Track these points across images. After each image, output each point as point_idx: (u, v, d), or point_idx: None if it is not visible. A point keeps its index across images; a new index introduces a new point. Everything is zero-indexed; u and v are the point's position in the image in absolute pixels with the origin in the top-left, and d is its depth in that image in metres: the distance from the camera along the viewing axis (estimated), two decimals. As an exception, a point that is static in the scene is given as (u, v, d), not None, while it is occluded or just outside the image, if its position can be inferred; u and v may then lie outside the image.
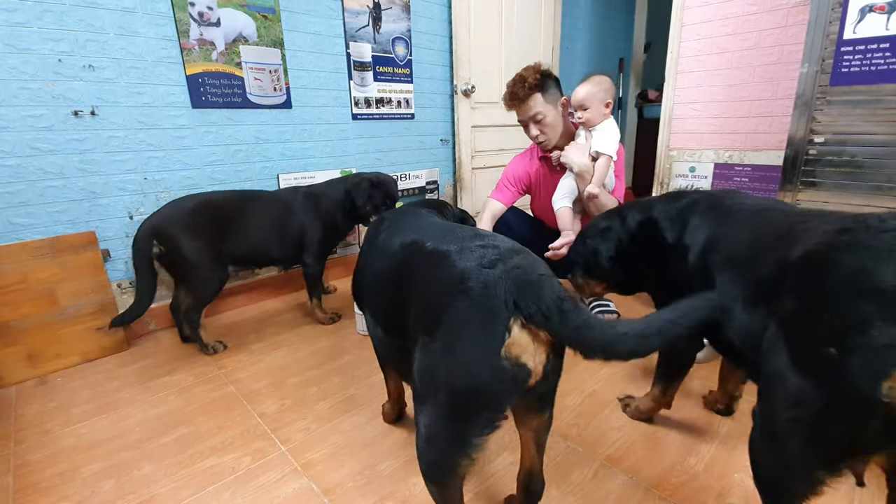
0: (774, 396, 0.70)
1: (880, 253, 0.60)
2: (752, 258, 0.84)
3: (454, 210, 1.29)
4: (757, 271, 0.81)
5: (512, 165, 1.94)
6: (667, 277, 1.09)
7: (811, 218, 0.80)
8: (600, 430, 1.24)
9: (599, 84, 1.57)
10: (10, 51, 1.49)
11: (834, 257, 0.65)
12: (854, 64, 1.67)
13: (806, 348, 0.65)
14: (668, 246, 1.08)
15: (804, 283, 0.68)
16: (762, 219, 0.91)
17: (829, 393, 0.61)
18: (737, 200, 1.01)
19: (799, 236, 0.75)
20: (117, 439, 1.25)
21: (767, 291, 0.77)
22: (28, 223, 1.60)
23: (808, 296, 0.66)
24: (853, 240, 0.65)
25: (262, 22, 2.02)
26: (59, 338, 1.61)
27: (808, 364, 0.64)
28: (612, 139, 1.58)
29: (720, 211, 1.00)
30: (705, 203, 1.05)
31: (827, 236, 0.69)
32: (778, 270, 0.75)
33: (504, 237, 0.84)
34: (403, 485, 1.06)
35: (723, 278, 0.89)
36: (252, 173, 2.12)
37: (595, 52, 4.16)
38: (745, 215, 0.94)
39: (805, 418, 0.65)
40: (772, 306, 0.74)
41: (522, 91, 1.68)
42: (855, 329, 0.57)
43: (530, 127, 1.74)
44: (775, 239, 0.81)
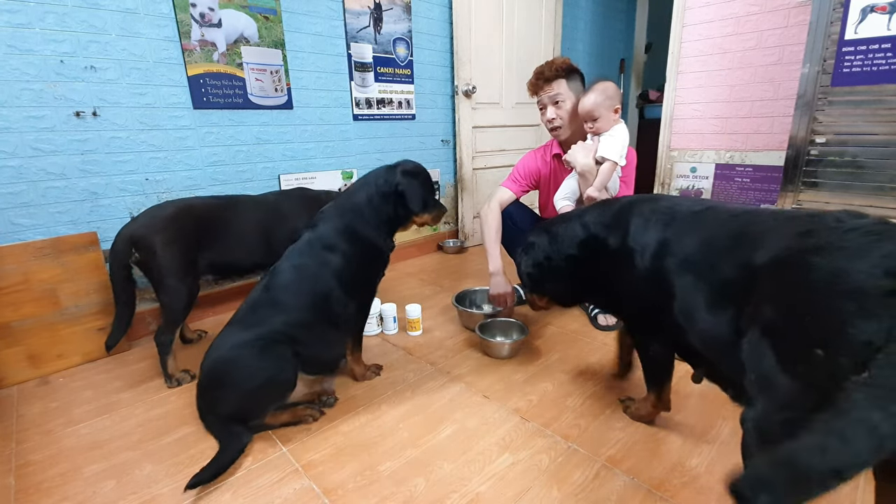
0: (766, 401, 0.70)
1: (849, 253, 0.63)
2: (709, 262, 0.86)
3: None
4: (717, 275, 0.83)
5: (524, 160, 1.96)
6: (613, 283, 1.13)
7: (760, 219, 0.83)
8: (602, 430, 1.24)
9: (604, 92, 1.57)
10: (12, 52, 1.49)
11: (807, 261, 0.66)
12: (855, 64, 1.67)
13: (793, 352, 0.65)
14: (611, 252, 1.10)
15: (782, 289, 0.69)
16: (707, 220, 0.93)
17: (819, 393, 0.62)
18: (672, 202, 1.04)
19: (757, 239, 0.77)
20: (119, 439, 1.25)
21: (735, 296, 0.79)
22: (30, 224, 1.61)
23: (789, 301, 0.67)
24: (821, 242, 0.67)
25: (264, 23, 2.02)
26: (61, 338, 1.61)
27: (796, 367, 0.65)
28: (620, 144, 1.57)
29: (661, 213, 1.02)
30: (642, 205, 1.07)
31: (792, 240, 0.71)
32: (744, 275, 0.77)
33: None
34: (404, 486, 1.06)
35: (682, 283, 0.91)
36: (253, 174, 2.12)
37: (596, 53, 4.16)
38: (688, 217, 0.97)
39: (798, 420, 0.65)
40: (747, 312, 0.75)
41: (550, 71, 1.73)
42: (837, 330, 0.59)
43: (548, 109, 1.77)
44: (730, 242, 0.84)
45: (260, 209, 1.73)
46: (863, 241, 0.63)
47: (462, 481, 1.07)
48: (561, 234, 1.25)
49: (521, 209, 1.96)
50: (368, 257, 1.39)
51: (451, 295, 2.06)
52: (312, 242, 1.34)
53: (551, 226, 1.30)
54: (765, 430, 0.71)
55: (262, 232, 1.70)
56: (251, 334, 1.20)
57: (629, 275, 1.05)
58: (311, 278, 1.29)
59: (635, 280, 1.04)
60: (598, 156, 1.56)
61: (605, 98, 1.57)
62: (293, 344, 1.23)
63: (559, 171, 1.86)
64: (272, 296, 1.28)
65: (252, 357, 1.17)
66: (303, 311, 1.27)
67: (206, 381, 1.22)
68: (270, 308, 1.26)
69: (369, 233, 1.38)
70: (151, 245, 1.45)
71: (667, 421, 1.26)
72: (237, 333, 1.22)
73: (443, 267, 2.74)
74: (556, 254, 1.25)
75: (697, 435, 1.21)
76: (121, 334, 1.54)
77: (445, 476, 1.09)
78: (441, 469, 1.11)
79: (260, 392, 1.19)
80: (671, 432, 1.22)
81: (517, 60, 3.09)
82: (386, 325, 1.85)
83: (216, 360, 1.20)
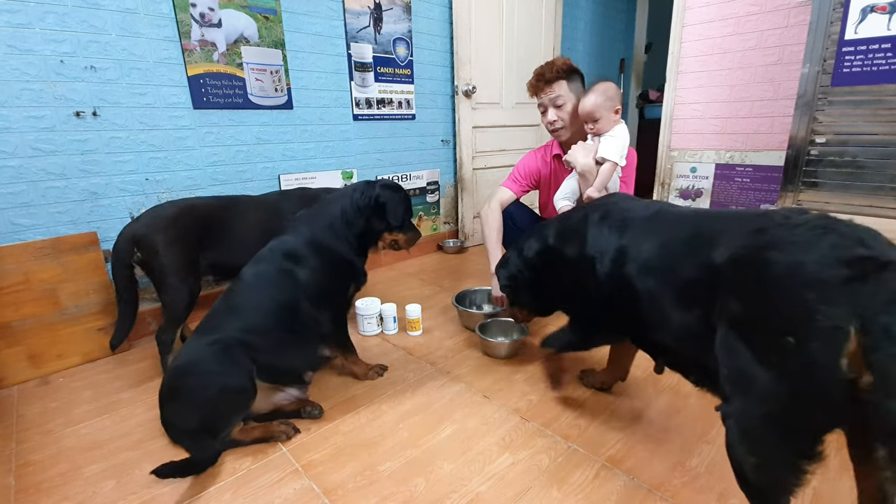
0: (744, 395, 0.72)
1: (802, 246, 0.68)
2: (669, 264, 0.90)
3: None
4: (679, 276, 0.87)
5: (524, 160, 1.96)
6: (577, 292, 1.17)
7: (710, 220, 0.89)
8: (602, 430, 1.24)
9: (605, 93, 1.57)
10: (12, 52, 1.49)
11: (764, 257, 0.71)
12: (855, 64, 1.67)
13: (765, 344, 0.68)
14: (571, 261, 1.15)
15: (745, 284, 0.73)
16: (659, 224, 0.99)
17: (795, 381, 0.65)
18: (625, 206, 1.09)
19: (713, 239, 0.82)
20: (119, 439, 1.25)
21: (699, 295, 0.83)
22: (30, 224, 1.61)
23: (753, 295, 0.71)
24: (774, 238, 0.72)
25: (264, 23, 2.02)
26: (61, 338, 1.61)
27: (770, 358, 0.68)
28: (620, 145, 1.57)
29: (615, 219, 1.07)
30: (597, 214, 1.12)
31: (748, 238, 0.76)
32: (706, 274, 0.81)
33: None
34: (404, 486, 1.06)
35: (646, 286, 0.95)
36: (253, 174, 2.12)
37: (596, 53, 4.16)
38: (641, 222, 1.02)
39: (777, 410, 0.68)
40: (713, 310, 0.78)
41: (550, 73, 1.73)
42: (804, 318, 0.63)
43: (549, 111, 1.76)
44: (686, 243, 0.88)
45: (261, 210, 1.74)
46: (811, 234, 0.69)
47: (462, 481, 1.07)
48: (526, 248, 1.31)
49: (521, 209, 1.96)
50: (336, 269, 1.36)
51: (451, 295, 2.06)
52: (274, 250, 1.32)
53: (523, 240, 1.35)
54: (747, 429, 0.73)
55: (263, 232, 1.69)
56: (205, 340, 1.17)
57: (590, 282, 1.09)
58: (269, 286, 1.27)
59: (597, 287, 1.07)
60: (599, 156, 1.56)
61: (606, 99, 1.56)
62: (249, 350, 1.18)
63: (559, 171, 1.86)
64: (230, 302, 1.26)
65: (204, 361, 1.14)
66: (259, 317, 1.24)
67: (164, 392, 1.18)
68: (227, 314, 1.23)
69: (338, 245, 1.36)
70: (153, 245, 1.45)
71: (667, 421, 1.26)
72: (193, 341, 1.20)
73: (443, 267, 2.74)
74: (525, 266, 1.31)
75: (697, 435, 1.21)
76: (125, 333, 1.55)
77: (445, 476, 1.09)
78: (441, 469, 1.11)
79: (217, 398, 1.12)
80: (671, 432, 1.22)
81: (517, 60, 3.09)
82: (386, 325, 1.85)
83: (172, 369, 1.19)
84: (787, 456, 0.69)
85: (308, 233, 1.34)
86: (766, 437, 0.71)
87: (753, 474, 0.74)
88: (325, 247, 1.34)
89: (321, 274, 1.31)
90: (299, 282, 1.29)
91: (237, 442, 1.19)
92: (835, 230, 0.68)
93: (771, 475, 0.72)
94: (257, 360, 1.20)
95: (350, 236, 1.38)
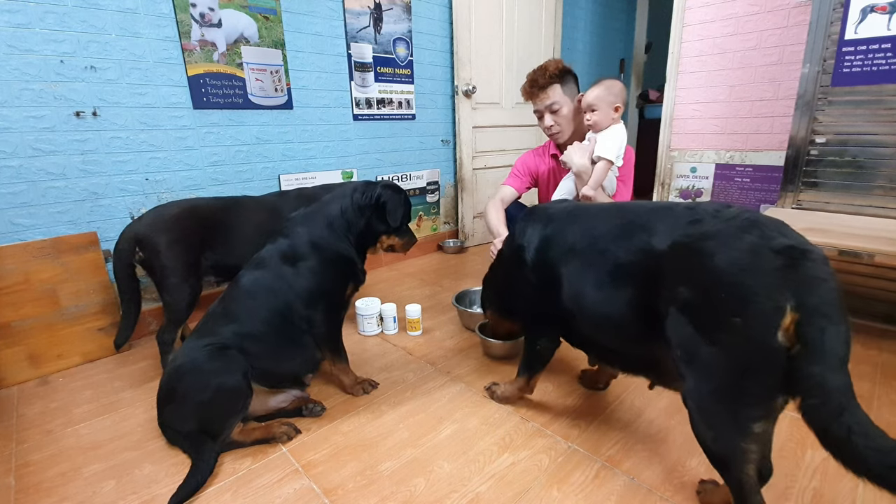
0: (697, 373, 0.80)
1: (736, 237, 0.76)
2: (596, 248, 0.99)
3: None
4: (609, 260, 0.96)
5: (523, 158, 1.97)
6: (510, 285, 1.27)
7: (639, 211, 0.96)
8: (602, 430, 1.24)
9: (609, 88, 1.58)
10: (12, 52, 1.49)
11: (706, 246, 0.79)
12: (855, 64, 1.67)
13: (714, 325, 0.76)
14: (505, 258, 1.26)
15: (690, 271, 0.80)
16: (582, 216, 1.09)
17: (740, 355, 0.74)
18: (552, 205, 1.21)
19: (647, 228, 0.90)
20: (119, 439, 1.25)
21: (633, 277, 0.91)
22: (30, 224, 1.61)
23: (700, 281, 0.78)
24: (712, 229, 0.80)
25: (264, 23, 2.02)
26: (61, 338, 1.62)
27: (718, 336, 0.76)
28: (617, 144, 1.57)
29: (541, 216, 1.17)
30: (527, 214, 1.23)
31: (685, 228, 0.84)
32: (645, 259, 0.89)
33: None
34: (404, 486, 1.06)
35: (568, 269, 1.05)
36: (254, 174, 2.12)
37: (596, 53, 4.16)
38: (563, 216, 1.13)
39: (726, 383, 0.76)
40: (663, 294, 0.84)
41: (543, 79, 1.72)
42: (748, 300, 0.72)
43: (545, 117, 1.76)
44: (617, 231, 0.97)
45: (261, 210, 1.74)
46: (742, 225, 0.78)
47: (462, 481, 1.07)
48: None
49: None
50: (335, 267, 1.35)
51: (451, 295, 2.06)
52: (271, 254, 1.31)
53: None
54: (702, 405, 0.81)
55: (264, 233, 1.70)
56: (200, 343, 1.18)
57: (519, 273, 1.19)
58: (267, 292, 1.26)
59: (525, 276, 1.17)
60: (595, 155, 1.57)
61: (609, 93, 1.57)
62: (246, 356, 1.18)
63: (557, 170, 1.86)
64: (225, 306, 1.26)
65: (199, 361, 1.14)
66: (256, 324, 1.23)
67: (161, 394, 1.19)
68: (222, 318, 1.23)
69: (337, 243, 1.35)
70: (155, 245, 1.46)
71: (667, 421, 1.26)
72: (189, 343, 1.20)
73: (443, 267, 2.74)
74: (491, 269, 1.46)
75: (697, 435, 1.21)
76: (129, 333, 1.55)
77: (445, 476, 1.09)
78: (441, 469, 1.11)
79: (212, 398, 1.12)
80: (671, 432, 1.22)
81: (517, 60, 3.10)
82: (386, 325, 1.85)
83: (168, 371, 1.19)
84: (740, 422, 0.76)
85: (306, 232, 1.33)
86: (719, 409, 0.79)
87: (714, 447, 0.81)
88: (324, 245, 1.33)
89: (319, 272, 1.30)
90: (296, 284, 1.28)
91: (238, 443, 1.19)
92: (758, 223, 0.77)
93: (729, 445, 0.79)
94: (255, 366, 1.20)
95: (350, 235, 1.38)
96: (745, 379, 0.74)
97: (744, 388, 0.75)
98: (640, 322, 0.91)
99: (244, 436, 1.19)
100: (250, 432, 1.20)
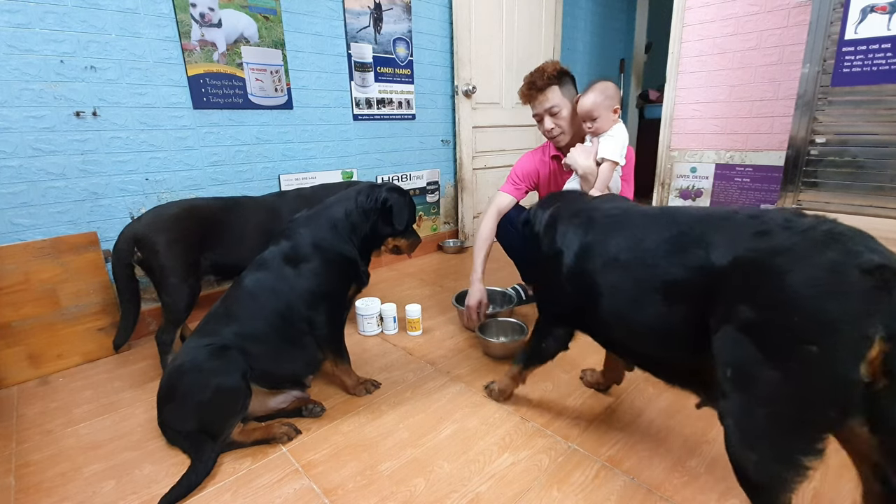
0: (746, 396, 0.73)
1: (815, 253, 0.68)
2: (644, 263, 0.90)
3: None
4: (658, 274, 0.87)
5: (521, 162, 1.94)
6: (547, 276, 1.18)
7: (695, 219, 0.87)
8: (602, 430, 1.24)
9: (604, 92, 1.57)
10: (12, 52, 1.49)
11: (777, 263, 0.70)
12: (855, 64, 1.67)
13: (783, 349, 0.69)
14: (545, 253, 1.16)
15: (757, 290, 0.72)
16: (627, 224, 0.99)
17: (812, 384, 0.66)
18: (593, 205, 1.12)
19: (704, 241, 0.81)
20: (119, 439, 1.25)
21: (688, 294, 0.83)
22: (30, 224, 1.61)
23: (771, 303, 0.70)
24: (784, 243, 0.71)
25: (264, 23, 2.02)
26: (61, 338, 1.62)
27: (785, 361, 0.68)
28: (620, 144, 1.57)
29: (584, 218, 1.08)
30: (570, 212, 1.14)
31: (751, 241, 0.75)
32: (700, 276, 0.80)
33: None
34: (404, 486, 1.06)
35: (608, 280, 0.97)
36: (254, 174, 2.12)
37: (596, 53, 4.16)
38: (607, 222, 1.03)
39: (788, 409, 0.70)
40: (717, 311, 0.77)
41: (542, 80, 1.70)
42: (829, 328, 0.64)
43: (545, 120, 1.75)
44: (669, 245, 0.87)
45: (261, 210, 1.74)
46: (822, 239, 0.69)
47: (462, 481, 1.07)
48: (538, 220, 1.27)
49: (520, 212, 1.95)
50: (338, 268, 1.34)
51: (451, 295, 2.06)
52: (275, 255, 1.31)
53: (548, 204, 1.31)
54: (751, 427, 0.74)
55: (264, 233, 1.70)
56: (201, 343, 1.18)
57: (554, 276, 1.10)
58: (267, 291, 1.26)
59: (559, 282, 1.09)
60: (599, 157, 1.56)
61: (605, 98, 1.57)
62: (247, 358, 1.18)
63: (558, 171, 1.86)
64: (227, 307, 1.26)
65: (199, 361, 1.14)
66: (258, 326, 1.23)
67: (161, 394, 1.19)
68: (224, 319, 1.23)
69: (340, 245, 1.35)
70: (154, 245, 1.46)
71: (667, 421, 1.26)
72: (190, 343, 1.20)
73: (443, 267, 2.74)
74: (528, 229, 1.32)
75: (697, 435, 1.21)
76: (129, 333, 1.55)
77: (445, 476, 1.09)
78: (441, 469, 1.11)
79: (211, 398, 1.12)
80: (671, 432, 1.22)
81: (517, 60, 3.09)
82: (386, 325, 1.85)
83: (168, 370, 1.19)
84: (790, 453, 0.70)
85: (308, 234, 1.33)
86: (770, 435, 0.72)
87: (753, 471, 0.75)
88: (326, 247, 1.33)
89: (321, 273, 1.30)
90: (298, 285, 1.28)
91: (238, 443, 1.19)
92: (840, 236, 0.68)
93: (771, 473, 0.73)
94: (256, 367, 1.20)
95: (354, 238, 1.38)
96: (809, 410, 0.68)
97: (805, 419, 0.69)
98: (689, 337, 0.84)
99: (244, 436, 1.19)
100: (250, 432, 1.20)
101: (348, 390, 1.44)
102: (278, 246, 1.33)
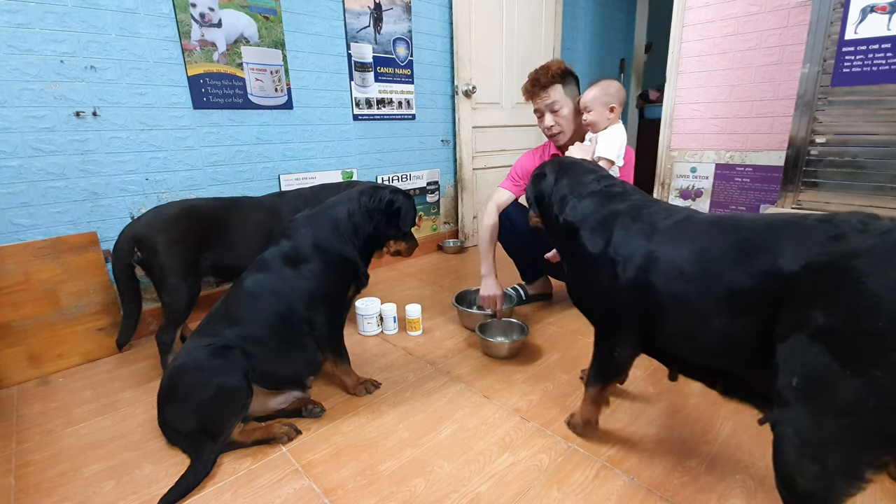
0: (817, 405, 0.70)
1: (895, 257, 0.64)
2: (710, 274, 0.86)
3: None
4: (725, 285, 0.83)
5: (522, 160, 1.96)
6: (589, 283, 1.10)
7: (758, 225, 0.83)
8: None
9: (605, 88, 1.58)
10: (12, 52, 1.49)
11: (857, 266, 0.67)
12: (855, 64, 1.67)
13: (864, 357, 0.66)
14: (592, 255, 1.07)
15: (832, 295, 0.69)
16: (690, 233, 0.93)
17: (893, 393, 0.63)
18: (653, 210, 1.02)
19: (771, 247, 0.78)
20: (119, 439, 1.25)
21: (753, 303, 0.79)
22: (30, 224, 1.61)
23: (846, 307, 0.67)
24: (862, 246, 0.68)
25: (264, 23, 2.02)
26: (61, 338, 1.61)
27: (866, 370, 0.65)
28: (617, 144, 1.57)
29: (646, 222, 1.00)
30: (628, 215, 1.04)
31: (825, 245, 0.72)
32: (769, 283, 0.77)
33: None
34: (404, 486, 1.06)
35: (676, 299, 0.91)
36: (253, 174, 2.12)
37: (596, 53, 4.16)
38: (669, 230, 0.96)
39: (860, 421, 0.67)
40: (786, 318, 0.74)
41: (546, 78, 1.72)
42: None
43: (546, 116, 1.76)
44: (734, 253, 0.83)
45: (261, 210, 1.74)
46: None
47: (462, 481, 1.07)
48: (569, 206, 1.16)
49: (519, 209, 1.96)
50: (338, 269, 1.34)
51: (451, 295, 2.06)
52: (275, 256, 1.30)
53: (566, 175, 1.21)
54: (813, 438, 0.71)
55: (264, 234, 1.70)
56: (201, 342, 1.18)
57: (607, 286, 1.02)
58: (268, 292, 1.26)
59: (614, 292, 1.01)
60: (596, 156, 1.57)
61: (604, 94, 1.57)
62: (247, 359, 1.19)
63: None
64: (227, 308, 1.26)
65: (199, 360, 1.14)
66: (259, 328, 1.23)
67: (161, 394, 1.19)
68: (224, 320, 1.23)
69: (341, 246, 1.34)
70: (154, 245, 1.46)
71: (667, 421, 1.26)
72: (190, 343, 1.20)
73: (443, 267, 2.74)
74: (551, 215, 1.20)
75: (697, 435, 1.21)
76: (131, 332, 1.55)
77: (445, 476, 1.09)
78: (441, 469, 1.11)
79: (212, 397, 1.12)
80: (671, 432, 1.22)
81: (517, 60, 3.09)
82: (386, 325, 1.85)
83: (169, 370, 1.19)
84: (859, 465, 0.68)
85: (309, 234, 1.33)
86: (843, 445, 0.69)
87: (811, 482, 0.72)
88: (327, 247, 1.33)
89: (321, 274, 1.30)
90: (298, 286, 1.28)
91: (238, 444, 1.19)
92: None
93: (830, 485, 0.70)
94: (256, 368, 1.20)
95: (356, 239, 1.37)
96: (888, 420, 0.65)
97: (880, 431, 0.66)
98: (753, 348, 0.81)
99: (244, 436, 1.19)
100: (250, 433, 1.20)
101: (348, 390, 1.43)
102: (278, 246, 1.32)
